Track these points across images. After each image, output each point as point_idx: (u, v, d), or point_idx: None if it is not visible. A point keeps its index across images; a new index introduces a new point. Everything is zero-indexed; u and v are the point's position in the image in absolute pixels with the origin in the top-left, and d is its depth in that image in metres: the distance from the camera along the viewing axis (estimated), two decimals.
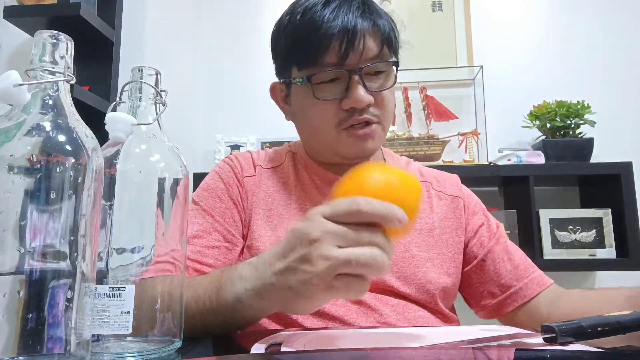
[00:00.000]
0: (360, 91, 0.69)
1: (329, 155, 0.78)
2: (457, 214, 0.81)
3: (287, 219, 0.75)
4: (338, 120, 0.71)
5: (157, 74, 0.48)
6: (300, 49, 0.72)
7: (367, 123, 0.72)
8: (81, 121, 0.39)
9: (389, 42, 0.72)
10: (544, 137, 1.79)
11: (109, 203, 0.43)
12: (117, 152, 0.45)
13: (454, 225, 0.80)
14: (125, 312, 0.40)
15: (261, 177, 0.80)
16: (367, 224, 0.44)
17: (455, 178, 0.87)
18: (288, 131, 0.83)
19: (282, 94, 0.81)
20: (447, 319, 0.76)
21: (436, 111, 1.97)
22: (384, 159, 0.85)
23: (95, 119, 0.49)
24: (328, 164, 0.80)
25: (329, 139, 0.74)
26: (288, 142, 0.89)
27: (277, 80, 0.81)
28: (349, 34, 0.68)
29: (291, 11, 0.74)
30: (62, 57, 0.39)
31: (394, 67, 0.74)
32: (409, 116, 2.00)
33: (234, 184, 0.78)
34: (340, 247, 0.44)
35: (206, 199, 0.77)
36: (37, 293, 0.34)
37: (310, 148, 0.82)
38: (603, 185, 1.73)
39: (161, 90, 0.48)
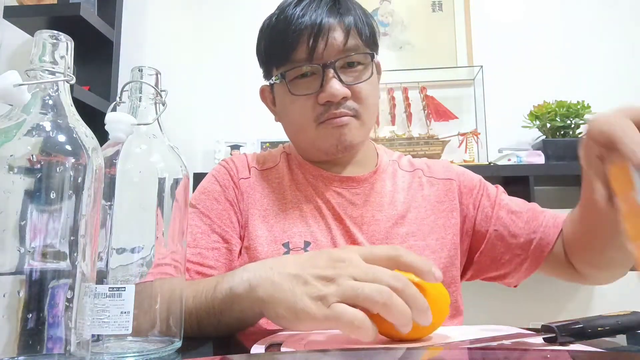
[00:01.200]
0: (335, 84, 0.70)
1: (313, 152, 0.79)
2: (450, 196, 0.81)
3: (283, 218, 0.76)
4: (316, 114, 0.73)
5: (157, 74, 0.48)
6: (274, 48, 0.74)
7: (343, 116, 0.73)
8: (81, 121, 0.39)
9: (361, 35, 0.73)
10: (544, 137, 1.79)
11: (109, 203, 0.43)
12: (117, 152, 0.45)
13: (449, 208, 0.80)
14: (125, 312, 0.40)
15: (256, 179, 0.81)
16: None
17: (446, 162, 0.88)
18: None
19: (270, 97, 0.83)
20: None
21: (436, 111, 1.97)
22: (377, 153, 0.86)
23: (95, 119, 0.49)
24: (319, 162, 0.81)
25: (309, 134, 0.75)
26: (288, 142, 0.90)
27: (265, 83, 0.83)
28: (316, 29, 0.70)
29: (270, 16, 0.78)
30: (62, 57, 0.39)
31: (373, 60, 0.76)
32: (409, 116, 2.00)
33: (230, 186, 0.79)
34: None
35: (203, 201, 0.77)
36: (37, 293, 0.34)
37: (297, 147, 0.83)
38: None
39: (161, 90, 0.48)
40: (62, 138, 0.37)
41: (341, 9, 0.73)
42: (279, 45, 0.73)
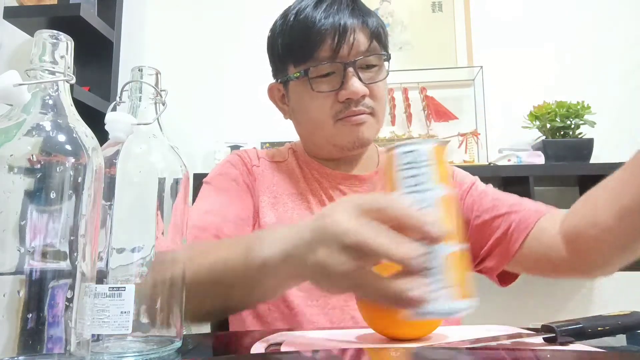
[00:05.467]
0: (356, 82, 0.73)
1: (327, 149, 0.80)
2: None
3: (291, 208, 0.78)
4: (335, 112, 0.75)
5: (157, 74, 0.48)
6: (296, 46, 0.76)
7: (361, 113, 0.75)
8: (81, 121, 0.39)
9: (379, 37, 0.77)
10: (543, 137, 1.78)
11: (109, 203, 0.43)
12: (117, 152, 0.44)
13: None
14: (125, 312, 0.40)
15: (265, 168, 0.83)
16: None
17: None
18: (288, 132, 0.85)
19: (279, 94, 0.84)
20: None
21: (436, 111, 1.97)
22: (378, 155, 0.88)
23: (95, 119, 0.48)
24: (327, 159, 0.83)
25: (326, 131, 0.77)
26: (288, 142, 0.91)
27: (273, 81, 0.84)
28: (341, 30, 0.73)
29: (284, 15, 0.80)
30: (62, 56, 0.39)
31: (385, 61, 0.79)
32: (409, 116, 1.99)
33: (245, 171, 0.81)
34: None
35: (221, 182, 0.79)
36: (37, 293, 0.34)
37: (310, 143, 0.84)
38: None
39: (161, 90, 0.48)
40: (62, 138, 0.37)
41: (361, 12, 0.76)
42: (301, 43, 0.75)
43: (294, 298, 0.72)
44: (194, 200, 0.79)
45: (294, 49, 0.76)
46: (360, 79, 0.74)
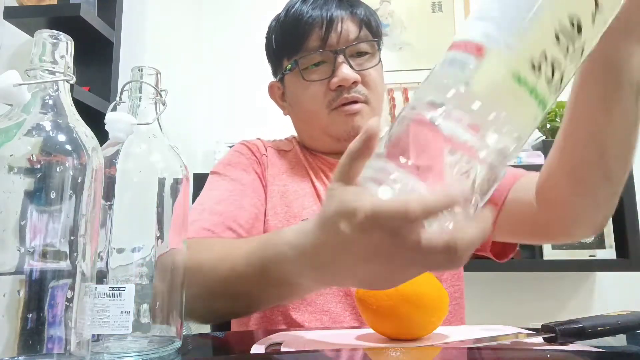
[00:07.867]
0: (346, 69, 0.74)
1: (324, 140, 0.80)
2: None
3: (302, 196, 0.77)
4: (328, 101, 0.76)
5: (157, 74, 0.48)
6: (286, 40, 0.78)
7: (355, 102, 0.76)
8: (81, 121, 0.39)
9: (368, 25, 0.78)
10: (543, 137, 1.79)
11: (109, 203, 0.43)
12: (117, 152, 0.45)
13: None
14: (125, 312, 0.40)
15: (272, 157, 0.82)
16: None
17: None
18: (288, 133, 0.85)
19: (279, 92, 0.85)
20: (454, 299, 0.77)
21: None
22: None
23: (95, 119, 0.48)
24: (326, 153, 0.83)
25: (321, 121, 0.77)
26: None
27: (273, 80, 0.86)
28: (328, 19, 0.75)
29: (277, 15, 0.82)
30: (62, 56, 0.39)
31: (378, 50, 0.80)
32: None
33: (254, 159, 0.81)
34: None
35: (231, 171, 0.77)
36: (37, 293, 0.34)
37: (307, 137, 0.84)
38: None
39: (161, 90, 0.48)
40: (62, 138, 0.37)
41: (349, 3, 0.78)
42: (291, 36, 0.77)
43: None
44: (194, 200, 0.79)
45: (285, 42, 0.78)
46: (351, 66, 0.74)
